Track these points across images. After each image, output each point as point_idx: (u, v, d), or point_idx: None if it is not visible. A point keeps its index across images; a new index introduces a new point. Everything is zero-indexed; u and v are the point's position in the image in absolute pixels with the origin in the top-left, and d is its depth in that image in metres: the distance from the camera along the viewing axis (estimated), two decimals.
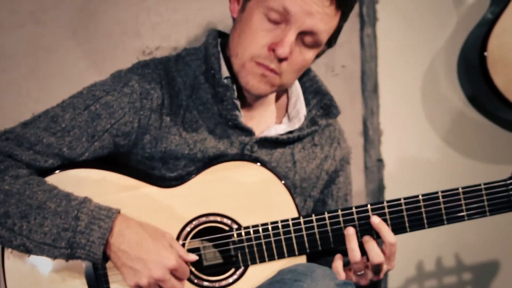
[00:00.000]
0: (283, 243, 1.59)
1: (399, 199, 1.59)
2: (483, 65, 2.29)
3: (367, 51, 2.38)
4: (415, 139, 2.48)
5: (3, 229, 1.44)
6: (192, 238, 1.57)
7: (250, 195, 1.60)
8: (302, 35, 1.53)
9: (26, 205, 1.44)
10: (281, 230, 1.58)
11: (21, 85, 2.03)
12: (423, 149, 2.49)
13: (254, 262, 1.59)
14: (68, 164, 1.55)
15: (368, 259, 1.55)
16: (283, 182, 1.61)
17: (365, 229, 1.58)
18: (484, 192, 1.60)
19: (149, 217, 1.52)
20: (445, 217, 1.60)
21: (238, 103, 1.64)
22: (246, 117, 1.68)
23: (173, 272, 1.46)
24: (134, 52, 2.08)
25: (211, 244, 1.60)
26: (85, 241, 1.42)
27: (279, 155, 1.70)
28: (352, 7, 1.58)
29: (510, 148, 2.54)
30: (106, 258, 1.45)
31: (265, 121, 1.72)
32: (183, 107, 1.63)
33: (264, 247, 1.58)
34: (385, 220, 1.58)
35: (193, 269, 1.57)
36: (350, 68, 2.38)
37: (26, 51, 2.02)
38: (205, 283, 1.58)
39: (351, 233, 1.56)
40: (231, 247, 1.58)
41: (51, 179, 1.51)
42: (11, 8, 1.99)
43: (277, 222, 1.58)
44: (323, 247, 1.60)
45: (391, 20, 2.39)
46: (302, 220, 1.59)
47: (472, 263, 2.54)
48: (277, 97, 1.76)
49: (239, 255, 1.59)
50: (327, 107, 1.74)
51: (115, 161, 1.64)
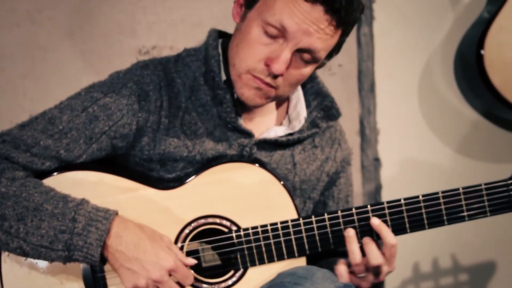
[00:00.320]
0: (283, 244, 1.58)
1: (399, 200, 1.58)
2: (480, 64, 2.30)
3: (364, 50, 2.38)
4: (412, 138, 2.49)
5: None
6: (191, 240, 1.56)
7: (249, 197, 1.59)
8: (299, 52, 1.52)
9: (22, 207, 1.43)
10: (280, 231, 1.58)
11: (17, 84, 2.02)
12: (420, 148, 2.49)
13: (253, 264, 1.58)
14: (65, 166, 1.53)
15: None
16: (282, 183, 1.60)
17: (365, 230, 1.57)
18: (484, 192, 1.60)
19: (147, 219, 1.51)
20: (445, 217, 1.59)
21: (237, 105, 1.63)
22: (245, 119, 1.67)
23: (172, 273, 1.45)
24: (130, 51, 2.08)
25: (210, 246, 1.59)
26: (83, 243, 1.41)
27: (279, 157, 1.69)
28: (353, 24, 1.55)
29: (506, 147, 2.54)
30: (103, 260, 1.44)
31: (265, 123, 1.71)
32: (182, 109, 1.61)
33: (263, 248, 1.58)
34: (385, 221, 1.57)
35: (191, 272, 1.56)
36: (347, 67, 2.37)
37: (22, 51, 2.01)
38: (204, 286, 1.57)
39: (351, 235, 1.55)
40: (230, 249, 1.57)
41: (48, 181, 1.50)
42: (8, 7, 1.98)
43: (276, 223, 1.57)
44: (323, 249, 1.59)
45: (388, 19, 2.40)
46: (301, 221, 1.58)
47: (469, 264, 2.54)
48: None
49: (238, 257, 1.58)
50: (328, 109, 1.73)
51: (113, 163, 1.62)
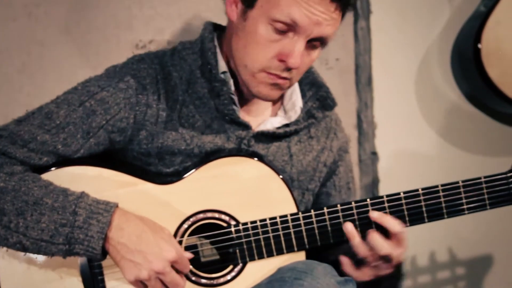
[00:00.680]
0: (282, 238, 1.58)
1: (399, 193, 1.59)
2: (477, 58, 2.29)
3: (361, 44, 2.37)
4: (409, 132, 2.48)
5: None
6: (189, 235, 1.56)
7: (248, 191, 1.59)
8: (310, 41, 1.53)
9: (22, 201, 1.42)
10: (279, 226, 1.57)
11: (13, 79, 2.00)
12: (417, 142, 2.49)
13: (252, 258, 1.58)
14: (63, 161, 1.53)
15: None
16: (281, 177, 1.60)
17: (365, 223, 1.58)
18: (484, 185, 1.60)
19: (146, 214, 1.50)
20: (445, 210, 1.60)
21: (235, 97, 1.63)
22: (243, 112, 1.68)
23: (174, 264, 1.44)
24: (127, 45, 2.07)
25: (209, 241, 1.59)
26: (84, 236, 1.40)
27: (276, 148, 1.69)
28: (353, 5, 1.58)
29: (505, 141, 2.54)
30: (104, 253, 1.44)
31: (261, 115, 1.72)
32: (179, 102, 1.61)
33: (262, 243, 1.57)
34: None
35: (190, 267, 1.55)
36: (344, 61, 2.37)
37: (18, 45, 2.00)
38: (203, 280, 1.57)
39: (350, 229, 1.55)
40: (229, 243, 1.57)
41: (47, 176, 1.50)
42: (4, 1, 1.97)
43: (275, 218, 1.57)
44: (322, 243, 1.59)
45: (385, 13, 2.39)
46: (301, 215, 1.58)
47: (466, 258, 2.54)
48: None
49: (237, 251, 1.57)
50: (323, 99, 1.73)
51: (111, 158, 1.62)
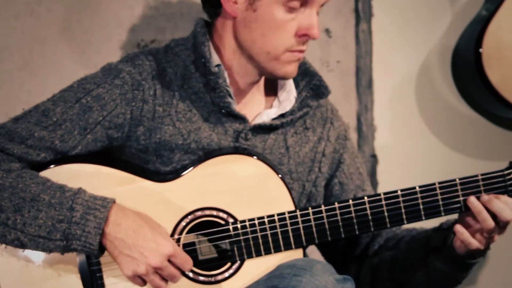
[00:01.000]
0: (280, 236, 1.58)
1: (396, 191, 1.59)
2: (478, 62, 2.29)
3: (362, 46, 2.38)
4: (409, 135, 2.48)
5: None
6: (187, 232, 1.56)
7: (246, 189, 1.59)
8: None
9: (19, 198, 1.43)
10: (277, 223, 1.57)
11: (14, 76, 2.01)
12: (416, 145, 2.49)
13: (250, 256, 1.58)
14: (61, 158, 1.54)
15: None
16: (280, 176, 1.60)
17: (363, 221, 1.58)
18: (481, 182, 1.60)
19: (144, 211, 1.50)
20: (442, 208, 1.59)
21: (230, 90, 1.63)
22: (239, 105, 1.69)
23: (171, 259, 1.45)
24: (129, 45, 2.07)
25: (207, 238, 1.59)
26: (81, 231, 1.41)
27: (272, 141, 1.69)
28: None
29: (504, 144, 2.54)
30: (102, 249, 1.44)
31: (257, 107, 1.72)
32: (175, 97, 1.62)
33: (260, 240, 1.57)
34: (382, 212, 1.58)
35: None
36: (344, 63, 2.37)
37: (20, 43, 2.01)
38: (201, 278, 1.57)
39: (475, 204, 1.57)
40: (227, 241, 1.57)
41: (45, 174, 1.50)
42: None
43: (273, 215, 1.57)
44: (320, 240, 1.59)
45: (386, 16, 2.39)
46: (298, 213, 1.58)
47: None
48: (266, 82, 1.75)
49: (235, 249, 1.57)
50: (316, 87, 1.73)
51: (109, 156, 1.62)
